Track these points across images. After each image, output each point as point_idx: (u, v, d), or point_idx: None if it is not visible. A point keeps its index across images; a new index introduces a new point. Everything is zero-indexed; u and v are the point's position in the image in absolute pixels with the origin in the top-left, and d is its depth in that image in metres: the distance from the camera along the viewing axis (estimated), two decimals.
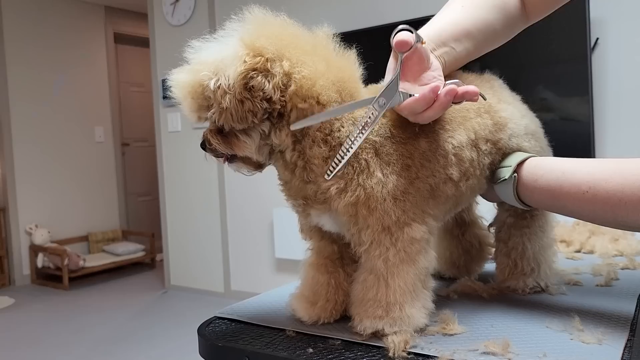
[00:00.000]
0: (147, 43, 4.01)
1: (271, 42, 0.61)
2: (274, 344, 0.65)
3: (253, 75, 0.59)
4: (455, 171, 0.68)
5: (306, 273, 0.75)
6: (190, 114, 0.65)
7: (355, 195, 0.62)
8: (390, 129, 0.65)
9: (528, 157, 0.72)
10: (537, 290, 0.80)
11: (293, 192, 0.67)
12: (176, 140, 3.85)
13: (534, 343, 0.61)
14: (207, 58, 0.62)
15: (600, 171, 0.63)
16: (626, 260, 0.96)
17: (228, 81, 0.59)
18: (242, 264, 3.66)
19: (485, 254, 0.91)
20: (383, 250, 0.63)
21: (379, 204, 0.62)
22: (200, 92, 0.62)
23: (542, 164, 0.70)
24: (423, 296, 0.66)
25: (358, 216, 0.63)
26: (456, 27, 0.72)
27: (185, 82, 0.64)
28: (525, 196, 0.71)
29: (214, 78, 0.60)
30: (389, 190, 0.62)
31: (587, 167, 0.65)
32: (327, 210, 0.65)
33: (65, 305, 3.70)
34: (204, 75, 0.61)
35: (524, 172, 0.71)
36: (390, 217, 0.62)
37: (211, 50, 0.63)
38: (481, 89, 0.76)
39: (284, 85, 0.60)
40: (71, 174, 4.68)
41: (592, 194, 0.62)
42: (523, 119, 0.78)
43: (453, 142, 0.68)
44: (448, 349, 0.60)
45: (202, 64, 0.62)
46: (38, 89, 4.47)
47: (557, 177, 0.66)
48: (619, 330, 0.63)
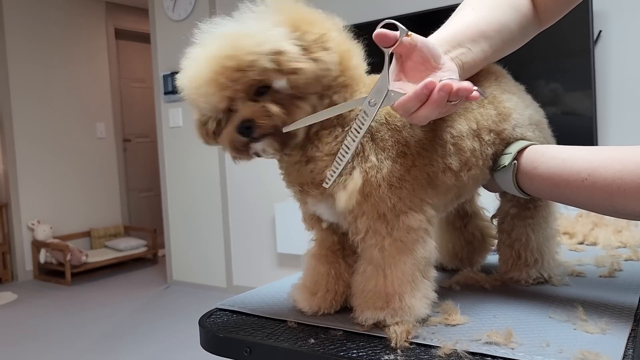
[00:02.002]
0: (148, 38, 4.00)
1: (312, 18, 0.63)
2: (275, 335, 0.65)
3: (325, 39, 0.61)
4: (454, 161, 0.67)
5: (308, 263, 0.75)
6: (220, 92, 0.59)
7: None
8: (386, 116, 0.64)
9: (528, 144, 0.72)
10: (540, 281, 0.80)
11: (292, 178, 0.67)
12: (178, 136, 3.84)
13: (537, 333, 0.60)
14: (246, 30, 0.59)
15: (599, 158, 0.62)
16: (630, 251, 0.96)
17: (304, 43, 0.60)
18: (244, 259, 3.66)
19: (487, 245, 0.90)
20: (379, 239, 0.63)
21: (373, 189, 0.62)
22: (247, 61, 0.58)
23: (541, 151, 0.70)
24: (424, 286, 0.65)
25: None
26: (470, 28, 0.70)
27: (221, 54, 0.58)
28: (525, 184, 0.70)
29: (282, 42, 0.58)
30: (384, 175, 0.62)
31: (586, 154, 0.64)
32: (321, 196, 0.65)
33: (68, 301, 3.71)
34: (258, 41, 0.58)
35: (523, 160, 0.70)
36: (385, 204, 0.62)
37: (244, 24, 0.61)
38: (485, 79, 0.75)
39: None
40: (73, 170, 4.68)
41: (591, 181, 0.62)
42: (527, 109, 0.78)
43: (452, 132, 0.67)
44: (450, 339, 0.59)
45: (240, 36, 0.59)
46: (39, 85, 4.46)
47: (557, 165, 0.66)
48: (623, 320, 0.63)
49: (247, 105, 0.61)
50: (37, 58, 4.45)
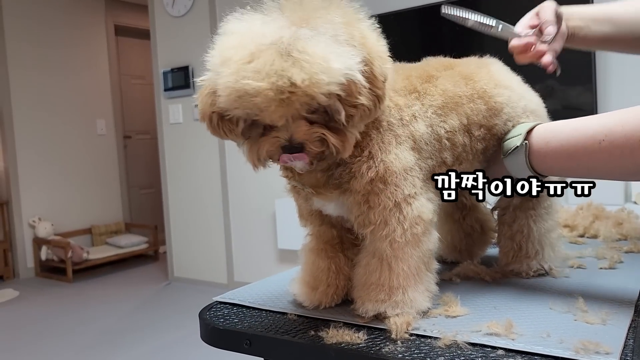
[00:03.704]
0: (147, 35, 3.99)
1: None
2: (275, 327, 0.65)
3: (386, 76, 0.60)
4: (449, 155, 0.70)
5: (306, 258, 0.74)
6: (281, 110, 0.53)
7: (376, 170, 0.63)
8: (398, 112, 0.67)
9: (535, 124, 0.71)
10: (540, 273, 0.80)
11: (304, 179, 0.67)
12: (178, 132, 3.84)
13: (538, 324, 0.60)
14: (329, 51, 0.53)
15: (612, 119, 0.62)
16: (630, 243, 0.95)
17: (380, 73, 0.58)
18: (245, 255, 3.66)
19: (487, 238, 0.90)
20: (390, 230, 0.63)
21: (394, 177, 0.63)
22: (325, 89, 0.53)
23: (551, 127, 0.69)
24: (427, 279, 0.66)
25: (372, 193, 0.63)
26: (603, 11, 0.87)
27: (297, 76, 0.51)
28: (538, 162, 0.69)
29: (356, 72, 0.55)
30: (403, 165, 0.64)
31: (597, 119, 0.64)
32: (337, 196, 0.66)
33: (69, 298, 3.72)
34: (342, 68, 0.53)
35: (534, 138, 0.69)
36: (402, 192, 0.63)
37: (321, 41, 0.54)
38: (478, 72, 0.76)
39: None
40: (74, 167, 4.68)
41: (609, 141, 0.61)
42: (521, 100, 0.78)
43: (445, 127, 0.69)
44: (450, 330, 0.59)
45: (324, 59, 0.52)
46: (40, 83, 4.45)
47: (570, 134, 0.65)
48: (624, 311, 0.62)
49: (299, 126, 0.57)
50: (37, 55, 4.43)
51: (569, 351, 0.52)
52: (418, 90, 0.69)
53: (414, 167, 0.65)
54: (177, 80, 3.72)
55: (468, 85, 0.73)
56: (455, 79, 0.73)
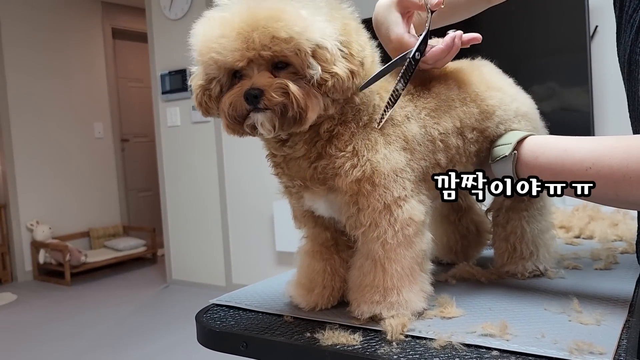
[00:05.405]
0: (145, 38, 3.99)
1: None
2: (271, 330, 0.65)
3: (364, 55, 0.63)
4: (442, 157, 0.70)
5: (302, 260, 0.75)
6: (244, 49, 0.58)
7: (362, 170, 0.63)
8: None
9: (527, 135, 0.72)
10: (536, 274, 0.80)
11: (293, 172, 0.67)
12: (176, 135, 3.84)
13: (532, 324, 0.61)
14: (301, 9, 0.59)
15: (603, 147, 0.62)
16: (625, 244, 0.96)
17: (361, 48, 0.62)
18: (243, 257, 3.66)
19: (482, 239, 0.91)
20: (381, 231, 0.63)
21: (382, 179, 0.63)
22: (290, 33, 0.57)
23: (542, 141, 0.70)
24: (421, 280, 0.66)
25: (360, 194, 0.63)
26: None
27: (265, 14, 0.57)
28: (524, 174, 0.70)
29: (330, 40, 0.59)
30: (392, 166, 0.64)
31: (589, 144, 0.64)
32: (325, 192, 0.65)
33: (68, 301, 3.71)
34: (309, 25, 0.58)
35: (523, 150, 0.70)
36: (391, 194, 0.63)
37: (301, 3, 0.60)
38: (470, 75, 0.76)
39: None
40: (71, 170, 4.68)
41: (596, 170, 0.61)
42: (513, 103, 0.78)
43: (439, 129, 0.69)
44: (446, 331, 0.59)
45: (293, 9, 0.58)
46: (37, 86, 4.45)
47: (559, 154, 0.66)
48: (618, 312, 0.63)
49: (262, 75, 0.59)
50: (34, 59, 4.43)
51: (563, 352, 0.53)
52: (411, 92, 0.70)
53: (404, 169, 0.65)
54: (174, 83, 3.72)
55: (461, 88, 0.73)
56: (448, 81, 0.73)
